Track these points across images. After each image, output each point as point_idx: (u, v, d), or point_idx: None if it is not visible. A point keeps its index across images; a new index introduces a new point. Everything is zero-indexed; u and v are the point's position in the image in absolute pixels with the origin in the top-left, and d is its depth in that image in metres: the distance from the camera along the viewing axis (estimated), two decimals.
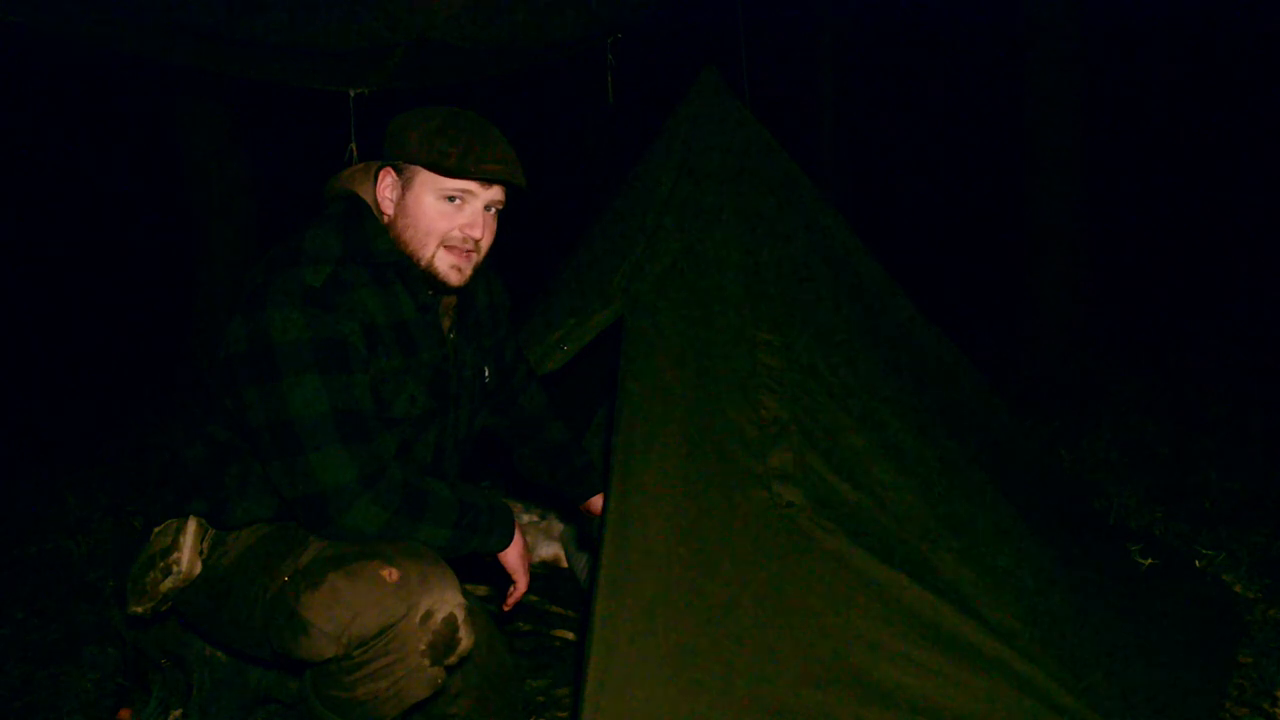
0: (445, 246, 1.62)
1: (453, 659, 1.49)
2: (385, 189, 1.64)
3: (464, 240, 1.62)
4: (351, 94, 2.46)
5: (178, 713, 2.02)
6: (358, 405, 1.48)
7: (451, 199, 1.60)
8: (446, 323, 1.73)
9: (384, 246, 1.61)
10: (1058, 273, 5.42)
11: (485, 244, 1.66)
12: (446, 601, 1.46)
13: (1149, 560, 2.69)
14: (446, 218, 1.61)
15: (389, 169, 1.64)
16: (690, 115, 2.43)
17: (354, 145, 2.44)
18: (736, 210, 2.25)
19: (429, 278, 1.64)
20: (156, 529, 1.60)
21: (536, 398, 2.07)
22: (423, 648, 1.43)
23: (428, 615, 1.44)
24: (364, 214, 1.64)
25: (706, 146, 2.36)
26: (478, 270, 1.69)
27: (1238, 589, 2.59)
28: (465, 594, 1.52)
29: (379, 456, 1.48)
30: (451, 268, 1.63)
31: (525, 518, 3.04)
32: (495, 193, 1.64)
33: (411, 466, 1.63)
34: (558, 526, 2.97)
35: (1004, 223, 6.69)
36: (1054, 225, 5.42)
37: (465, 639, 1.49)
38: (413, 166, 1.60)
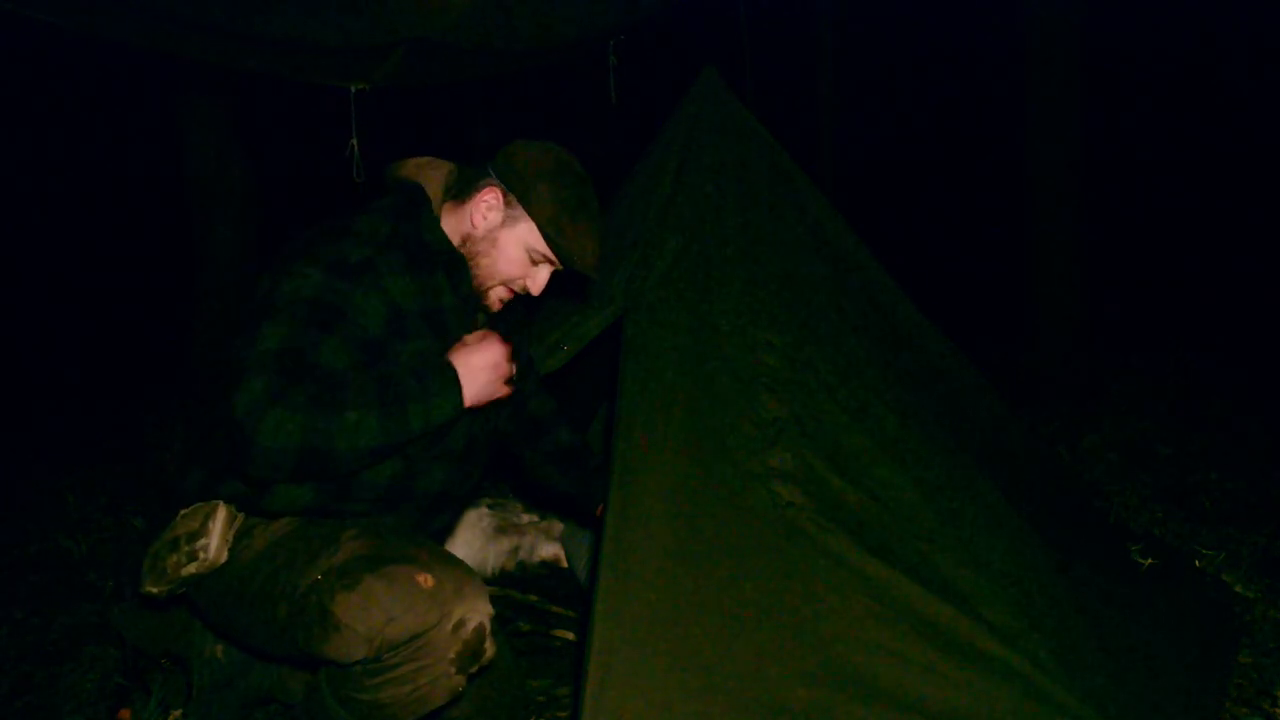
0: (506, 286, 1.71)
1: (475, 668, 1.49)
2: (485, 206, 1.66)
3: (523, 289, 1.71)
4: (352, 90, 2.46)
5: (178, 713, 2.02)
6: (312, 359, 1.42)
7: (536, 261, 1.68)
8: (480, 317, 1.78)
9: (435, 238, 1.64)
10: (1058, 272, 5.41)
11: None
12: (478, 611, 1.46)
13: (1149, 560, 2.69)
14: (522, 268, 1.69)
15: (497, 189, 1.66)
16: (690, 115, 2.43)
17: (355, 141, 2.44)
18: (736, 210, 2.25)
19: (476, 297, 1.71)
20: (184, 511, 1.57)
21: (546, 402, 2.09)
22: (451, 656, 1.44)
23: (460, 624, 1.44)
24: (421, 206, 1.66)
25: (706, 147, 2.36)
26: None
27: (1238, 589, 2.59)
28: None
29: (295, 380, 1.39)
30: (499, 300, 1.73)
31: (525, 518, 3.04)
32: None
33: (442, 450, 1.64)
34: (558, 526, 2.97)
35: (1004, 222, 6.69)
36: (1054, 225, 5.41)
37: (490, 649, 1.50)
38: (523, 210, 1.64)
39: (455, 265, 1.65)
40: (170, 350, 6.19)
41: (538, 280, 1.71)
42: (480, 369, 1.56)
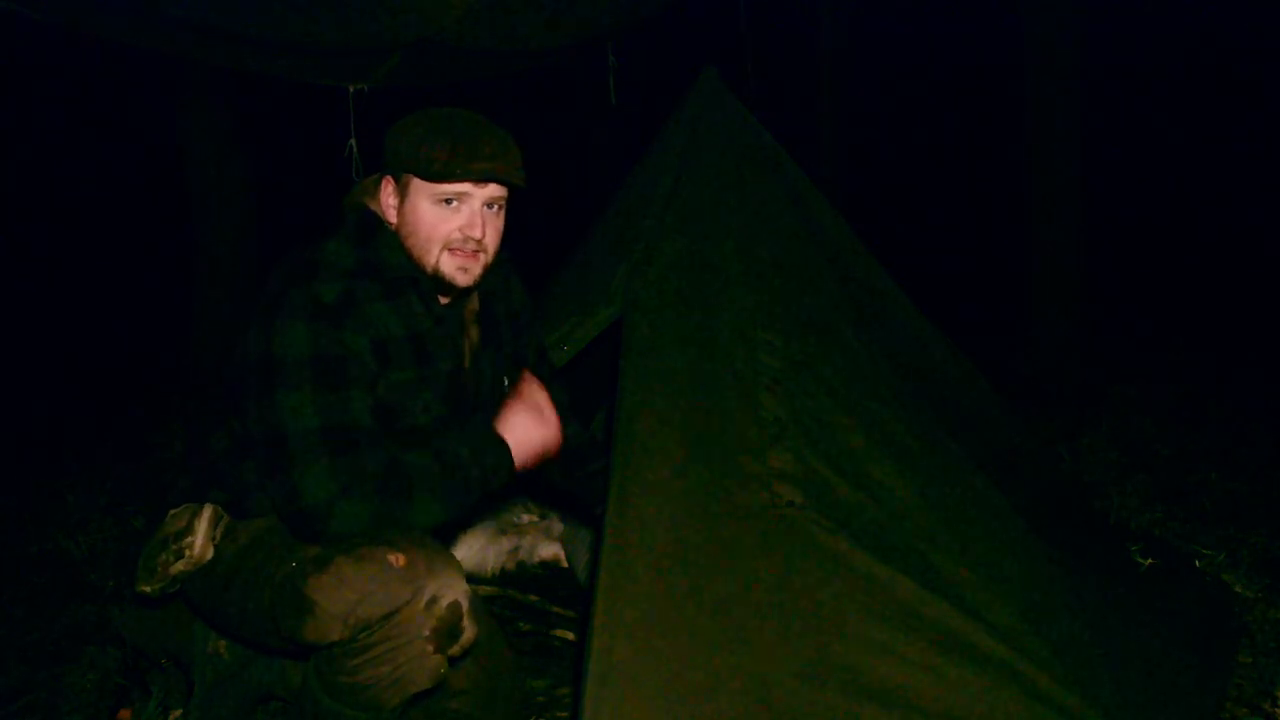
0: (449, 250, 1.62)
1: (456, 649, 1.51)
2: (387, 198, 1.66)
3: (465, 241, 1.62)
4: (351, 90, 2.46)
5: (178, 713, 2.02)
6: (351, 421, 1.49)
7: (448, 201, 1.61)
8: (474, 332, 1.76)
9: (397, 260, 1.63)
10: (1058, 272, 5.42)
11: (490, 242, 1.66)
12: (451, 589, 1.48)
13: (1149, 560, 2.69)
14: (445, 221, 1.61)
15: (388, 178, 1.66)
16: (690, 116, 2.43)
17: (354, 141, 2.44)
18: (736, 210, 2.25)
19: (438, 281, 1.65)
20: (173, 511, 1.62)
21: (558, 394, 2.06)
22: (426, 633, 1.45)
23: (433, 601, 1.45)
24: (377, 228, 1.66)
25: (706, 147, 2.36)
26: (491, 269, 1.70)
27: (1238, 589, 2.59)
28: (472, 590, 1.54)
29: (361, 466, 1.48)
30: (458, 269, 1.63)
31: (525, 517, 3.04)
32: (492, 189, 1.63)
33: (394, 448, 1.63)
34: (558, 526, 2.97)
35: (1004, 222, 6.69)
36: (1054, 225, 5.42)
37: (469, 629, 1.51)
38: (406, 174, 1.61)
39: (419, 283, 1.65)
40: (171, 350, 6.19)
41: (468, 219, 1.61)
42: (534, 446, 1.70)
